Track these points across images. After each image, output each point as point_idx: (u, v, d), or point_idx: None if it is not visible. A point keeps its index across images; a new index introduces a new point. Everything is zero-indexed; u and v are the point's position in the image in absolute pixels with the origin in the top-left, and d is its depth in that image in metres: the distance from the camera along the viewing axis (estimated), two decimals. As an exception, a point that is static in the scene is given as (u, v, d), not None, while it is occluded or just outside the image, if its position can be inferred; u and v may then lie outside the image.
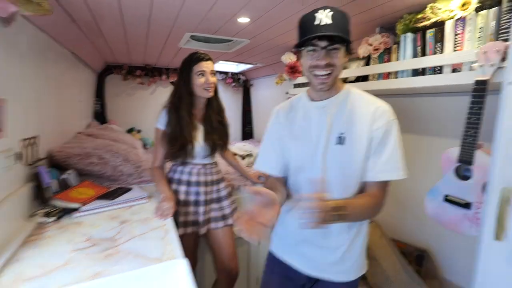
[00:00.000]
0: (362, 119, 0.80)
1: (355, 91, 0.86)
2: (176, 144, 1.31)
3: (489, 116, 0.85)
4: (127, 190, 1.43)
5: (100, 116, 2.74)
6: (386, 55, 1.25)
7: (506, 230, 0.65)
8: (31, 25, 1.08)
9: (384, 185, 0.81)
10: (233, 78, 3.25)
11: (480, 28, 0.89)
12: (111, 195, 1.33)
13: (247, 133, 3.49)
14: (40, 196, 1.17)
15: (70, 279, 0.78)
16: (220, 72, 3.19)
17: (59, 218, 1.13)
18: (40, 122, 1.27)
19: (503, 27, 0.83)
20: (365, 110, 0.80)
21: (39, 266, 0.83)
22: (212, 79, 1.31)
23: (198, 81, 1.29)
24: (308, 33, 0.74)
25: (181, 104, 1.31)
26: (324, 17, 0.72)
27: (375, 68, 1.26)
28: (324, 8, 0.73)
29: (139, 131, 2.94)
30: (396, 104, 1.53)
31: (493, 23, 0.86)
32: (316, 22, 0.73)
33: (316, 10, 0.74)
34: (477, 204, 0.86)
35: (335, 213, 0.72)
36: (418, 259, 1.36)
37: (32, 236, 1.00)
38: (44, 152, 1.37)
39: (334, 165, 0.83)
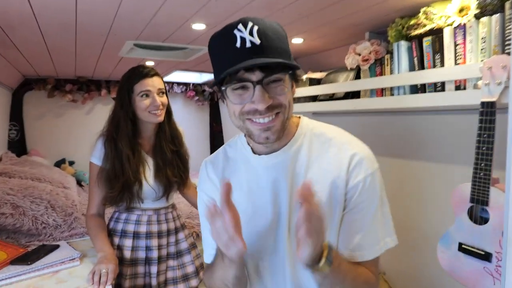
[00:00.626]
0: (333, 172, 0.71)
1: (314, 128, 0.77)
2: (117, 185, 1.28)
3: (502, 139, 0.90)
4: (53, 248, 1.36)
5: (17, 144, 2.64)
6: (378, 66, 1.33)
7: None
8: None
9: (375, 260, 0.73)
10: (196, 90, 3.28)
11: (483, 38, 0.97)
12: (28, 258, 1.26)
13: (218, 160, 3.49)
14: None
15: None
16: (179, 84, 3.21)
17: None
18: None
19: (508, 37, 0.90)
20: (334, 159, 0.72)
21: None
22: (161, 99, 1.30)
23: (142, 104, 1.28)
24: (228, 63, 0.62)
25: (119, 134, 1.29)
26: (248, 36, 0.61)
27: (367, 83, 1.33)
28: (245, 22, 0.62)
29: (71, 163, 2.84)
30: (393, 123, 1.63)
31: (496, 33, 0.94)
32: (238, 44, 0.61)
33: (233, 26, 0.62)
34: (498, 255, 0.87)
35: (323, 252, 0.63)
36: None
37: None
38: None
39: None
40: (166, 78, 2.84)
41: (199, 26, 1.34)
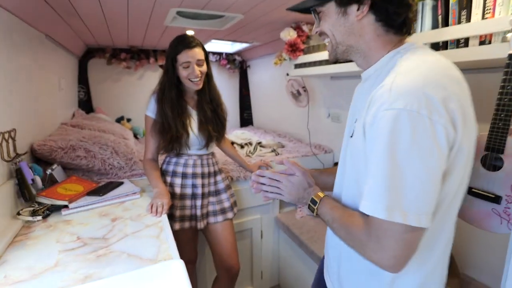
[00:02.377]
0: (364, 100, 0.59)
1: (406, 54, 0.60)
2: (165, 137, 1.27)
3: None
4: (118, 184, 1.39)
5: (86, 104, 2.67)
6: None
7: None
8: (-5, 5, 0.99)
9: (370, 220, 0.55)
10: (228, 59, 3.14)
11: (514, -10, 0.81)
12: (100, 191, 1.29)
13: (246, 120, 3.41)
14: (24, 194, 1.13)
15: (60, 283, 0.76)
16: (213, 53, 3.08)
17: (46, 216, 1.10)
18: (15, 114, 1.21)
19: None
20: (372, 88, 0.59)
21: (27, 269, 0.81)
22: (200, 69, 1.24)
23: (183, 73, 1.23)
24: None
25: (163, 98, 1.26)
26: None
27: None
28: None
29: (129, 120, 2.87)
30: None
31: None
32: None
33: None
34: (508, 197, 0.80)
35: (304, 198, 0.74)
36: None
37: (19, 236, 0.98)
38: (25, 147, 1.32)
39: (347, 163, 0.68)
40: (203, 48, 2.73)
41: (235, -9, 1.21)
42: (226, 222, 1.42)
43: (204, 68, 1.26)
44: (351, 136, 0.65)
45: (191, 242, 1.40)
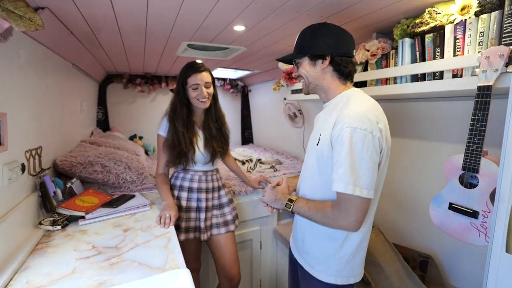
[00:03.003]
0: (331, 122, 0.83)
1: (352, 96, 0.87)
2: (174, 152, 1.29)
3: (494, 121, 0.82)
4: (130, 197, 1.40)
5: (103, 123, 2.71)
6: (384, 60, 1.22)
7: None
8: (29, 38, 1.05)
9: (339, 197, 0.79)
10: (231, 84, 3.23)
11: (481, 32, 0.86)
12: (114, 203, 1.30)
13: (247, 138, 3.45)
14: (46, 205, 1.14)
15: (75, 290, 0.75)
16: (218, 79, 3.17)
17: (64, 226, 1.11)
18: (42, 133, 1.24)
19: (506, 30, 0.79)
20: (336, 114, 0.83)
21: (47, 275, 0.81)
22: (208, 90, 1.29)
23: (192, 94, 1.27)
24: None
25: (175, 116, 1.30)
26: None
27: (373, 74, 1.23)
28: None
29: (141, 138, 2.90)
30: (395, 109, 1.53)
31: (494, 27, 0.83)
32: None
33: None
34: (484, 213, 0.82)
35: (281, 201, 0.97)
36: (422, 265, 1.31)
37: (40, 244, 0.98)
38: (48, 162, 1.34)
39: (310, 162, 0.93)
40: (210, 75, 2.81)
41: (239, 28, 1.27)
42: (229, 234, 1.41)
43: (211, 90, 1.31)
44: (317, 144, 0.88)
45: (195, 252, 1.39)
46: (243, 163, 2.23)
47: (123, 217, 1.22)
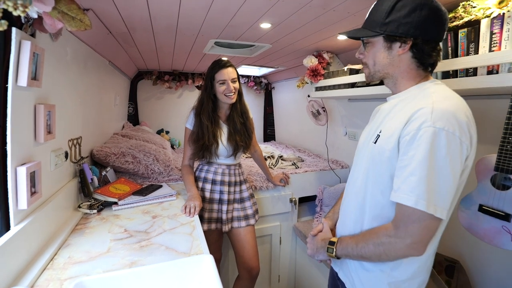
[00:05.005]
0: (402, 118, 0.67)
1: (433, 88, 0.70)
2: (198, 144, 1.35)
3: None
4: (158, 187, 1.49)
5: (133, 117, 2.88)
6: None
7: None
8: (74, 37, 1.16)
9: (402, 212, 0.64)
10: (255, 81, 3.26)
11: (519, 26, 0.82)
12: (143, 192, 1.39)
13: (269, 135, 3.49)
14: (84, 190, 1.26)
15: (111, 266, 0.84)
16: (242, 76, 3.22)
17: (100, 210, 1.21)
18: (82, 124, 1.36)
19: None
20: (410, 109, 0.67)
21: (86, 252, 0.90)
22: (234, 85, 1.34)
23: (220, 89, 1.33)
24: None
25: (202, 110, 1.36)
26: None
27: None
28: None
29: (167, 132, 3.04)
30: None
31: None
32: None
33: None
34: None
35: (323, 248, 0.82)
36: (449, 269, 1.25)
37: (79, 225, 1.09)
38: (86, 151, 1.46)
39: (364, 164, 0.77)
40: (234, 72, 2.86)
41: (265, 25, 1.30)
42: (249, 227, 1.45)
43: (237, 85, 1.36)
44: (374, 142, 0.73)
45: (216, 242, 1.45)
46: (265, 159, 2.26)
47: (151, 205, 1.31)
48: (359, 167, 0.79)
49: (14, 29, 0.70)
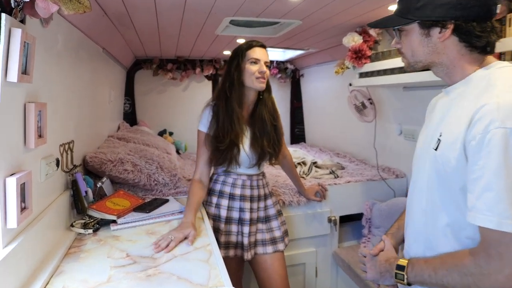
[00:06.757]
0: (464, 117, 0.69)
1: (497, 76, 0.71)
2: (225, 141, 1.34)
3: None
4: (164, 202, 1.53)
5: (130, 116, 2.99)
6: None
7: None
8: (65, 22, 1.23)
9: (486, 237, 0.65)
10: (279, 67, 3.28)
11: None
12: (146, 207, 1.43)
13: (298, 136, 3.48)
14: (78, 205, 1.32)
15: (113, 300, 0.86)
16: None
17: (96, 230, 1.26)
18: (75, 125, 1.44)
19: None
20: (472, 104, 0.69)
21: (83, 281, 0.94)
22: (267, 70, 1.37)
23: (250, 69, 1.34)
24: None
25: (232, 94, 1.36)
26: None
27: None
28: None
29: (171, 134, 3.12)
30: None
31: None
32: None
33: None
34: None
35: (389, 273, 0.84)
36: None
37: (72, 248, 1.14)
38: (79, 158, 1.54)
39: (427, 175, 0.79)
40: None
41: (296, -3, 1.31)
42: (277, 254, 1.45)
43: (268, 72, 1.39)
44: (435, 149, 0.75)
45: (236, 273, 1.45)
46: (295, 166, 2.26)
47: (157, 224, 1.34)
48: (421, 178, 0.82)
49: (3, 15, 0.75)
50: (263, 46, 1.39)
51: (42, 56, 1.03)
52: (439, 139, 0.75)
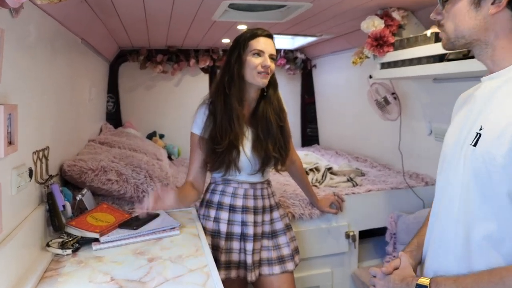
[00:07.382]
0: (491, 104, 0.72)
1: None
2: (222, 143, 1.36)
3: None
4: (154, 216, 1.53)
5: (114, 116, 3.03)
6: None
7: None
8: (39, 11, 1.25)
9: None
10: (287, 57, 3.28)
11: None
12: (133, 223, 1.44)
13: (310, 137, 3.48)
14: (54, 222, 1.34)
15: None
16: (269, 50, 3.26)
17: (75, 250, 1.27)
18: (50, 129, 1.46)
19: None
20: None
21: (63, 312, 0.95)
22: (272, 64, 1.37)
23: (252, 62, 1.35)
24: None
25: (231, 89, 1.37)
26: None
27: None
28: None
29: (162, 136, 3.15)
30: None
31: None
32: None
33: None
34: None
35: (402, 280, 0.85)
36: None
37: (49, 271, 1.14)
38: (55, 167, 1.56)
39: (460, 177, 0.78)
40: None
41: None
42: (285, 275, 1.45)
43: (273, 66, 1.39)
44: (474, 145, 0.74)
45: (237, 299, 1.47)
46: (306, 173, 2.26)
47: (146, 242, 1.35)
48: (453, 183, 0.81)
49: (-33, 6, 0.77)
50: (270, 36, 1.39)
51: (12, 51, 1.05)
52: (478, 133, 0.74)
